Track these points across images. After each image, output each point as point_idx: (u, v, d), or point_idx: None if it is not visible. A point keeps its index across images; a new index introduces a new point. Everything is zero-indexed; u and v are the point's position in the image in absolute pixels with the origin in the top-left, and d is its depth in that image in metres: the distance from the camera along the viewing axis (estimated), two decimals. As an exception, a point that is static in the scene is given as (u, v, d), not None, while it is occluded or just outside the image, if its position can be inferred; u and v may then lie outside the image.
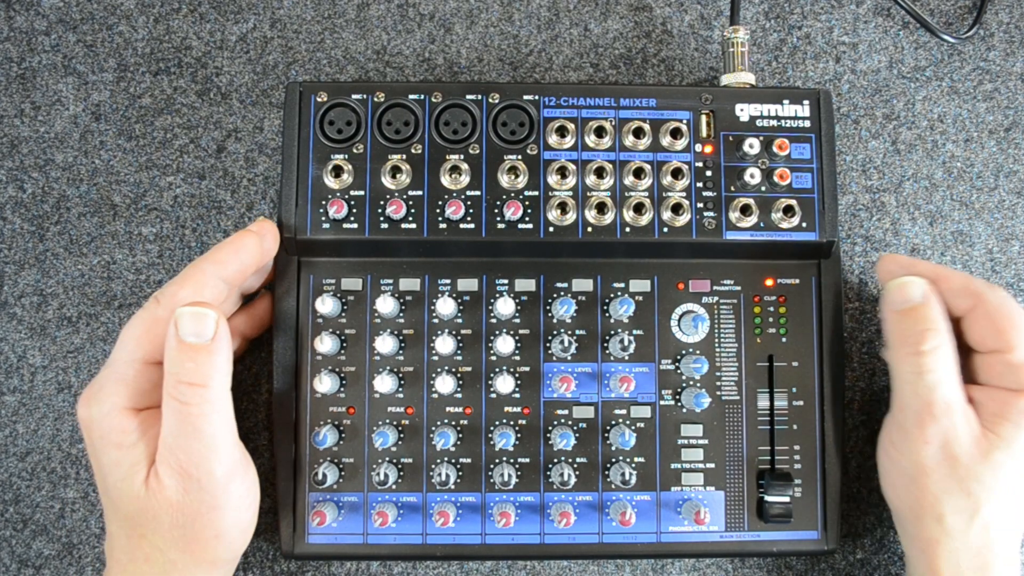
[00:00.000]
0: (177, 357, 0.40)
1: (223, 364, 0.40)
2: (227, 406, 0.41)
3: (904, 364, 0.43)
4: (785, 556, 0.52)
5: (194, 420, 0.40)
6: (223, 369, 0.40)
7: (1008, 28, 0.58)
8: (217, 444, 0.40)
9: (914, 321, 0.43)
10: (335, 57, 0.56)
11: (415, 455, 0.49)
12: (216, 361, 0.40)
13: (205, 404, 0.40)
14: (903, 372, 0.44)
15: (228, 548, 0.43)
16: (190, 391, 0.39)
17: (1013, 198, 0.56)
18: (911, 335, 0.43)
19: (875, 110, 0.57)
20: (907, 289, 0.44)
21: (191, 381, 0.39)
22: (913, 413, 0.43)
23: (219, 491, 0.41)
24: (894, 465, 0.45)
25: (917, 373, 0.43)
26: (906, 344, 0.43)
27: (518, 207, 0.48)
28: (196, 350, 0.39)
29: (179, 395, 0.39)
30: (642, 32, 0.57)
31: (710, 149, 0.49)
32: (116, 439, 0.41)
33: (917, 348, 0.43)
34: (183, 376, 0.39)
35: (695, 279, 0.50)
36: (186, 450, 0.40)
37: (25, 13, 0.56)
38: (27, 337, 0.53)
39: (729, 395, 0.50)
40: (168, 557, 0.41)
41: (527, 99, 0.49)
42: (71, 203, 0.54)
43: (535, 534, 0.49)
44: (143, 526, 0.41)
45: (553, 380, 0.49)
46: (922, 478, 0.43)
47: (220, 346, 0.40)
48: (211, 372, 0.40)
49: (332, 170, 0.48)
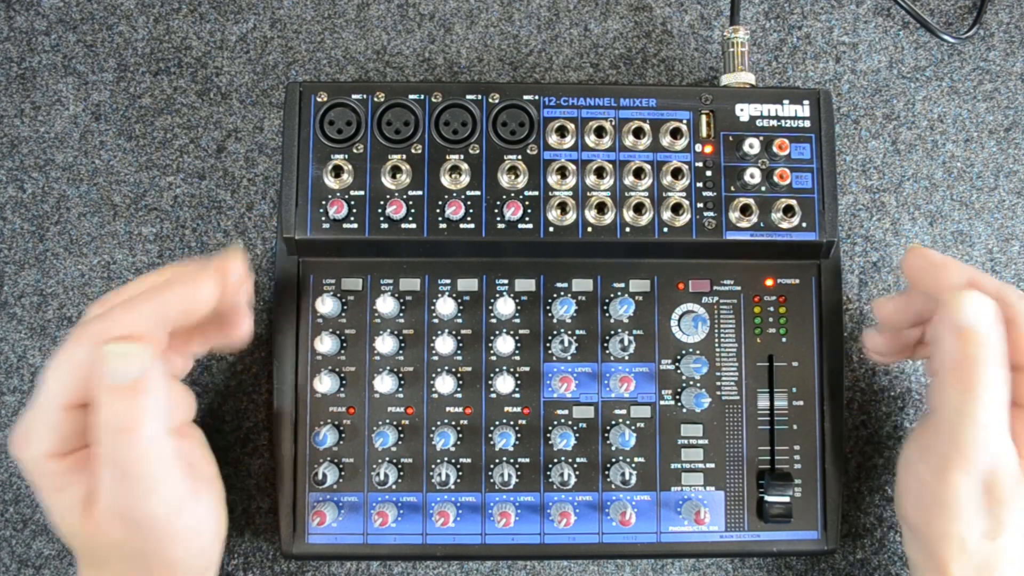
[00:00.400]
0: (106, 400, 0.36)
1: (155, 403, 0.37)
2: (163, 445, 0.38)
3: (952, 394, 0.39)
4: (785, 556, 0.52)
5: (127, 466, 0.37)
6: (156, 408, 0.37)
7: (1008, 28, 0.58)
8: (154, 487, 0.38)
9: (973, 349, 0.38)
10: (335, 57, 0.56)
11: (415, 455, 0.49)
12: (146, 403, 0.36)
13: (137, 449, 0.36)
14: (949, 401, 0.39)
15: (188, 570, 0.41)
16: (121, 437, 0.36)
17: (1013, 198, 0.56)
18: (966, 363, 0.39)
19: (875, 110, 0.57)
20: (974, 310, 0.39)
21: (120, 427, 0.36)
22: (954, 445, 0.40)
23: (162, 529, 0.39)
24: (919, 483, 0.42)
25: (963, 411, 0.39)
26: (958, 373, 0.39)
27: (518, 207, 0.48)
28: (124, 392, 0.36)
29: (109, 441, 0.37)
30: (642, 32, 0.57)
31: (710, 149, 0.49)
32: (48, 483, 0.39)
33: (970, 383, 0.38)
34: (112, 421, 0.36)
35: (695, 279, 0.50)
36: (121, 494, 0.37)
37: (25, 13, 0.56)
38: (27, 337, 0.53)
39: (729, 395, 0.50)
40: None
41: (527, 99, 0.49)
42: (71, 203, 0.54)
43: (535, 534, 0.49)
44: (96, 558, 0.40)
45: (553, 380, 0.49)
46: (953, 505, 0.40)
47: (151, 385, 0.37)
48: (141, 415, 0.36)
49: (332, 170, 0.48)
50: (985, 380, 0.38)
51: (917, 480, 0.43)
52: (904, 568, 0.53)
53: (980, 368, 0.39)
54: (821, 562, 0.53)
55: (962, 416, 0.39)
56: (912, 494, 0.43)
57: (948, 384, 0.40)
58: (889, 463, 0.53)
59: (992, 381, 0.39)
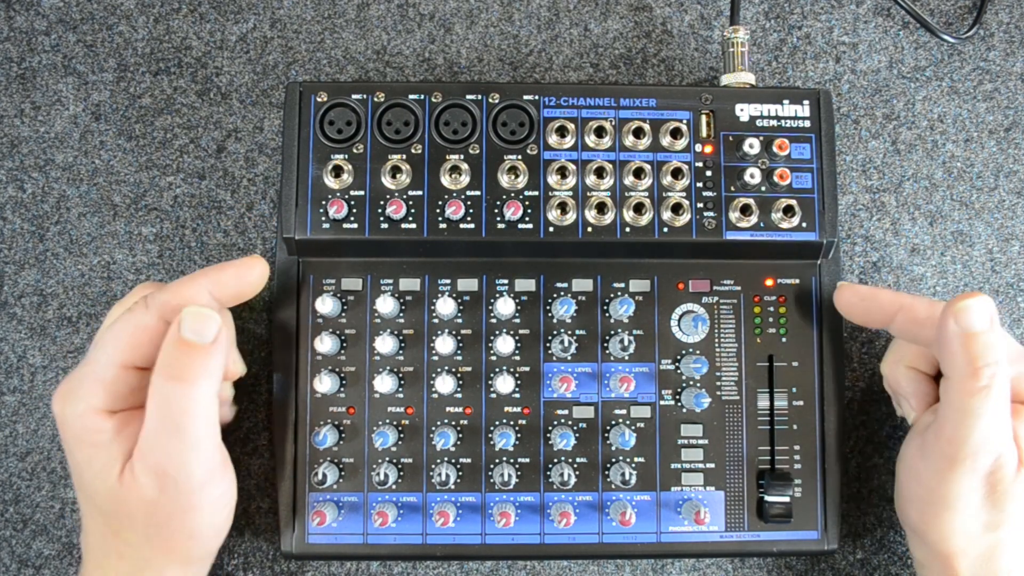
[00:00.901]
0: (173, 352, 0.39)
1: (215, 369, 0.40)
2: (212, 410, 0.41)
3: (955, 397, 0.40)
4: (785, 556, 0.52)
5: (177, 418, 0.39)
6: (214, 374, 0.40)
7: (1008, 28, 0.58)
8: (198, 445, 0.40)
9: (974, 351, 0.39)
10: (335, 57, 0.56)
11: (415, 455, 0.49)
12: (209, 364, 0.39)
13: (191, 402, 0.39)
14: (952, 403, 0.40)
15: (202, 547, 0.43)
16: (179, 388, 0.39)
17: (1013, 198, 0.56)
18: (968, 365, 0.39)
19: (875, 110, 0.57)
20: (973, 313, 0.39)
21: (182, 377, 0.39)
22: (958, 445, 0.40)
23: (195, 492, 0.41)
24: (920, 485, 0.43)
25: (968, 411, 0.39)
26: (961, 376, 0.39)
27: (518, 207, 0.48)
28: (193, 349, 0.39)
29: (167, 391, 0.39)
30: (642, 32, 0.57)
31: (710, 149, 0.49)
32: (90, 438, 0.40)
33: (973, 384, 0.39)
34: (175, 371, 0.39)
35: (695, 279, 0.50)
36: (166, 448, 0.39)
37: (25, 13, 0.56)
38: (27, 337, 0.53)
39: (729, 395, 0.50)
40: (141, 554, 0.41)
41: (527, 99, 0.49)
42: (71, 203, 0.54)
43: (535, 534, 0.49)
44: (117, 522, 0.41)
45: (553, 380, 0.49)
46: (957, 503, 0.41)
47: (217, 350, 0.40)
48: (202, 372, 0.39)
49: (332, 170, 0.48)
50: (992, 381, 0.39)
51: (918, 482, 0.43)
52: (904, 568, 0.53)
53: (976, 371, 0.39)
54: (821, 562, 0.53)
55: (969, 418, 0.39)
56: (913, 496, 0.44)
57: (949, 390, 0.40)
58: (889, 463, 0.53)
59: (998, 382, 0.39)
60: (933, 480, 0.41)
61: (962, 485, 0.40)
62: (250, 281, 0.44)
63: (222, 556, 0.52)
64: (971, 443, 0.40)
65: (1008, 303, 0.55)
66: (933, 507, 0.42)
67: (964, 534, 0.41)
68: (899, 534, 0.53)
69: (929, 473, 0.42)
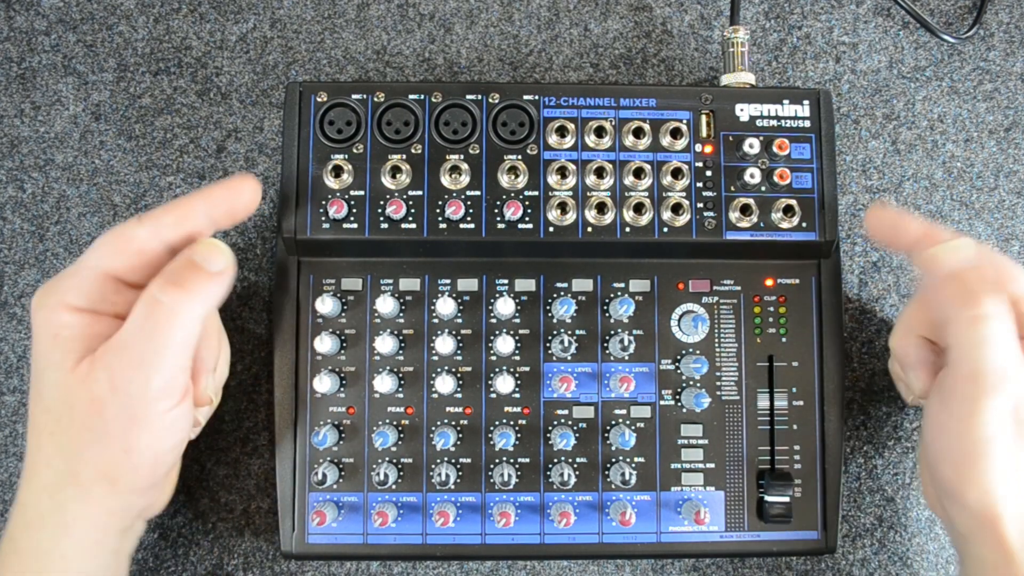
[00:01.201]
0: (178, 266, 0.39)
1: (212, 296, 0.39)
2: (195, 330, 0.39)
3: (961, 332, 0.40)
4: (785, 556, 0.52)
5: (158, 322, 0.38)
6: (210, 300, 0.39)
7: (1008, 28, 0.58)
8: (167, 356, 0.39)
9: (968, 283, 0.39)
10: (335, 57, 0.56)
11: (415, 455, 0.49)
12: (211, 286, 0.39)
13: (179, 310, 0.38)
14: (960, 341, 0.40)
15: (134, 471, 0.40)
16: (173, 292, 0.38)
17: (1013, 198, 0.56)
18: (966, 299, 0.39)
19: (875, 110, 0.57)
20: (959, 250, 0.40)
21: (180, 284, 0.38)
22: (977, 379, 0.39)
23: (146, 403, 0.39)
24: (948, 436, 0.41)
25: (977, 342, 0.39)
26: (962, 310, 0.39)
27: (518, 207, 0.48)
28: (199, 269, 0.39)
29: (160, 294, 0.38)
30: (642, 32, 0.57)
31: (710, 149, 0.49)
32: (54, 330, 0.39)
33: (974, 312, 0.39)
34: (175, 278, 0.38)
35: (695, 279, 0.50)
36: (135, 349, 0.38)
37: (25, 13, 0.56)
38: (27, 337, 0.53)
39: (729, 395, 0.50)
40: (71, 464, 0.40)
41: (527, 99, 0.49)
42: (71, 203, 0.54)
43: (535, 534, 0.49)
44: (56, 421, 0.40)
45: (553, 380, 0.49)
46: (989, 444, 0.39)
47: (221, 279, 0.39)
48: (201, 289, 0.38)
49: (332, 170, 0.48)
50: (983, 310, 0.39)
51: (947, 436, 0.41)
52: (904, 568, 0.53)
53: (975, 300, 0.39)
54: (821, 562, 0.53)
55: (980, 348, 0.39)
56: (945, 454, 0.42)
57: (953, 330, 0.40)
58: (889, 463, 0.53)
59: (999, 310, 0.39)
60: (962, 427, 0.40)
61: (991, 422, 0.39)
62: (243, 200, 0.43)
63: (222, 556, 0.52)
64: (989, 373, 0.39)
65: (1008, 303, 0.55)
66: (968, 458, 0.40)
67: (1004, 482, 0.40)
68: (899, 534, 0.53)
69: (956, 421, 0.40)
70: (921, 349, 0.45)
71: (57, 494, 0.40)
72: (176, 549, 0.52)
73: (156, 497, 0.45)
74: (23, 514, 0.40)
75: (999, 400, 0.39)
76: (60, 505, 0.40)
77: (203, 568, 0.52)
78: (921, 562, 0.53)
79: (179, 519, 0.52)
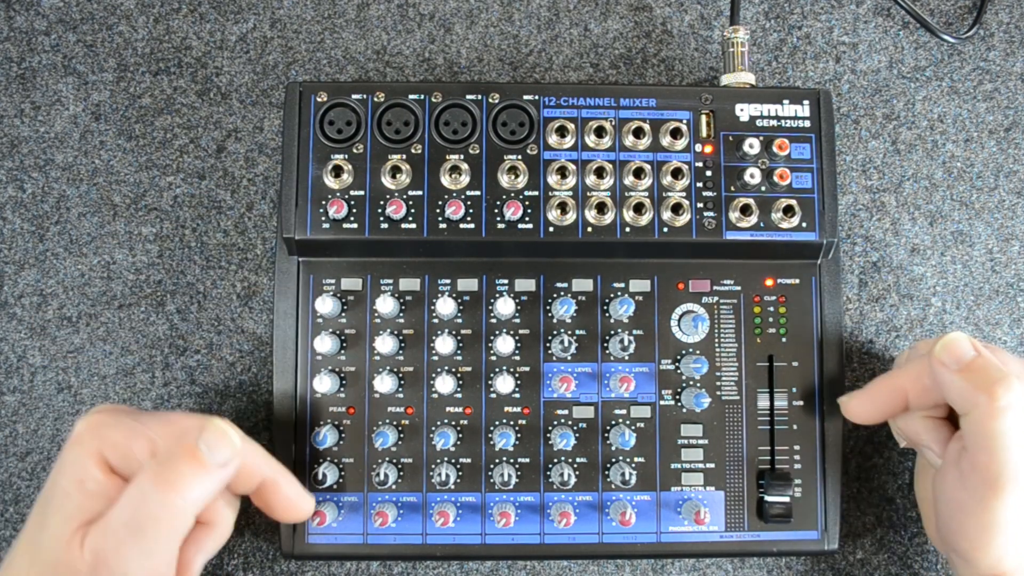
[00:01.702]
0: (174, 455, 0.37)
1: (208, 492, 0.38)
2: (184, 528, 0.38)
3: (979, 425, 0.40)
4: (785, 556, 0.52)
5: (144, 519, 0.37)
6: (204, 497, 0.38)
7: (1008, 28, 0.58)
8: (151, 554, 0.37)
9: (978, 375, 0.40)
10: (335, 57, 0.56)
11: (415, 455, 0.49)
12: (204, 484, 0.38)
13: (165, 511, 0.37)
14: (978, 433, 0.40)
15: None
16: (159, 494, 0.37)
17: (1013, 198, 0.56)
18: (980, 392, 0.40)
19: (875, 110, 0.57)
20: (957, 345, 0.41)
21: (168, 483, 0.37)
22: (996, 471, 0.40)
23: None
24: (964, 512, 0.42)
25: (997, 435, 0.40)
26: (978, 403, 0.40)
27: (518, 207, 0.48)
28: (197, 461, 0.37)
29: (147, 490, 0.37)
30: (642, 32, 0.57)
31: (710, 149, 0.49)
32: (80, 476, 0.38)
33: (993, 407, 0.39)
34: (164, 474, 0.37)
35: (695, 279, 0.50)
36: (118, 540, 0.37)
37: (25, 13, 0.56)
38: (27, 337, 0.53)
39: (729, 395, 0.50)
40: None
41: (527, 99, 0.49)
42: (71, 203, 0.54)
43: (535, 534, 0.49)
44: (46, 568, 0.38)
45: (553, 380, 0.49)
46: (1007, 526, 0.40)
47: (220, 476, 0.38)
48: (192, 490, 0.37)
49: (332, 170, 0.48)
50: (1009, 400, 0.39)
51: (964, 512, 0.42)
52: (904, 568, 0.53)
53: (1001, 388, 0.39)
54: (821, 562, 0.53)
55: (999, 440, 0.40)
56: (960, 527, 0.43)
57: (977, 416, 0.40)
58: (889, 463, 0.53)
59: (1016, 399, 0.39)
60: (979, 507, 0.41)
61: (1009, 508, 0.40)
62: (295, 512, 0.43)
63: (222, 556, 0.52)
64: (1009, 466, 0.40)
65: (1008, 303, 0.55)
66: (984, 534, 0.41)
67: (1018, 553, 0.41)
68: (899, 534, 0.53)
69: (974, 502, 0.41)
70: (930, 429, 0.45)
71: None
72: (176, 549, 0.52)
73: None
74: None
75: (1018, 491, 0.40)
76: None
77: (203, 568, 0.52)
78: (921, 562, 0.53)
79: (179, 519, 0.52)
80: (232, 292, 0.54)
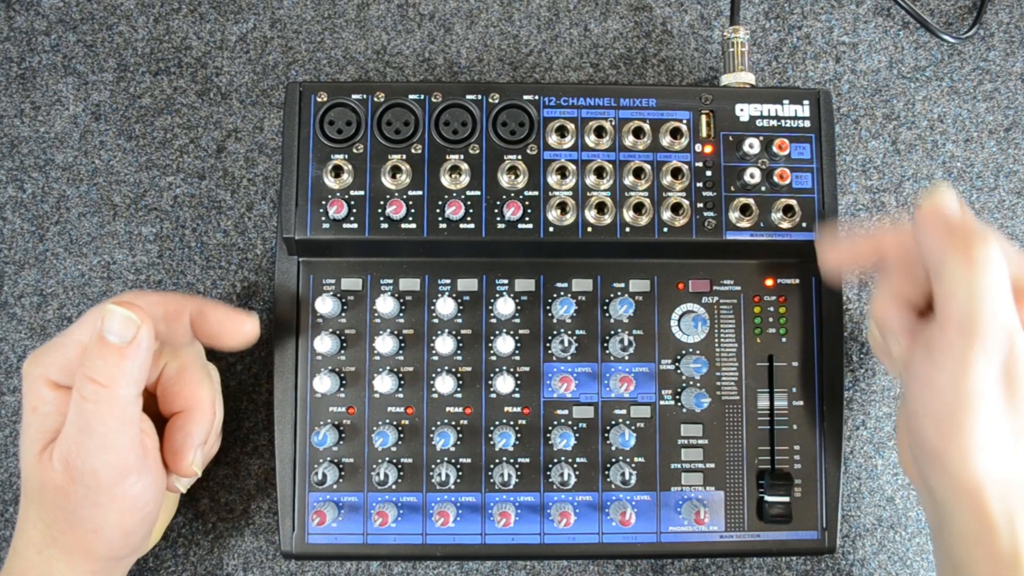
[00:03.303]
0: (91, 351, 0.39)
1: (134, 371, 0.39)
2: (129, 411, 0.40)
3: (954, 277, 0.37)
4: (785, 556, 0.52)
5: (89, 417, 0.39)
6: (133, 376, 0.39)
7: (1008, 28, 0.58)
8: (108, 446, 0.39)
9: (962, 227, 0.38)
10: (335, 57, 0.56)
11: (415, 455, 0.49)
12: (126, 366, 0.39)
13: (103, 404, 0.39)
14: (952, 287, 0.37)
15: (107, 546, 0.42)
16: (92, 388, 0.38)
17: (1013, 198, 0.56)
18: (961, 242, 0.37)
19: (875, 110, 0.57)
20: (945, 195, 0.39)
21: (95, 378, 0.38)
22: (967, 331, 0.37)
23: (103, 490, 0.40)
24: (932, 390, 0.39)
25: (971, 287, 0.36)
26: (956, 253, 0.37)
27: (518, 207, 0.48)
28: (110, 349, 0.38)
29: (83, 389, 0.39)
30: (642, 32, 0.57)
31: (710, 149, 0.49)
32: (34, 403, 0.41)
33: (970, 255, 0.37)
34: (89, 371, 0.38)
35: (695, 279, 0.50)
36: (76, 443, 0.39)
37: (25, 13, 0.56)
38: (27, 337, 0.53)
39: (729, 395, 0.50)
40: (51, 533, 0.41)
41: (527, 99, 0.49)
42: (71, 203, 0.54)
43: (535, 534, 0.49)
44: (34, 492, 0.41)
45: (553, 380, 0.49)
46: (976, 401, 0.37)
47: (134, 353, 0.39)
48: (118, 375, 0.38)
49: (332, 170, 0.48)
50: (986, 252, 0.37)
51: (931, 391, 0.39)
52: (904, 568, 0.53)
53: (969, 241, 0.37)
54: (821, 562, 0.53)
55: (974, 294, 0.37)
56: (928, 411, 0.39)
57: (944, 274, 0.38)
58: (889, 463, 0.53)
59: (995, 255, 0.37)
60: (948, 379, 0.38)
61: (981, 375, 0.37)
62: (235, 329, 0.44)
63: (222, 556, 0.52)
64: (983, 321, 0.36)
65: (1008, 303, 0.55)
66: (952, 414, 0.38)
67: (989, 445, 0.37)
68: (899, 534, 0.53)
69: (942, 373, 0.38)
70: (904, 312, 0.42)
71: (43, 551, 0.42)
72: (176, 549, 0.52)
73: (141, 549, 0.45)
74: (16, 563, 0.42)
75: (991, 351, 0.37)
76: (46, 561, 0.42)
77: (203, 568, 0.52)
78: (921, 562, 0.53)
79: (179, 519, 0.52)
80: (232, 292, 0.54)
